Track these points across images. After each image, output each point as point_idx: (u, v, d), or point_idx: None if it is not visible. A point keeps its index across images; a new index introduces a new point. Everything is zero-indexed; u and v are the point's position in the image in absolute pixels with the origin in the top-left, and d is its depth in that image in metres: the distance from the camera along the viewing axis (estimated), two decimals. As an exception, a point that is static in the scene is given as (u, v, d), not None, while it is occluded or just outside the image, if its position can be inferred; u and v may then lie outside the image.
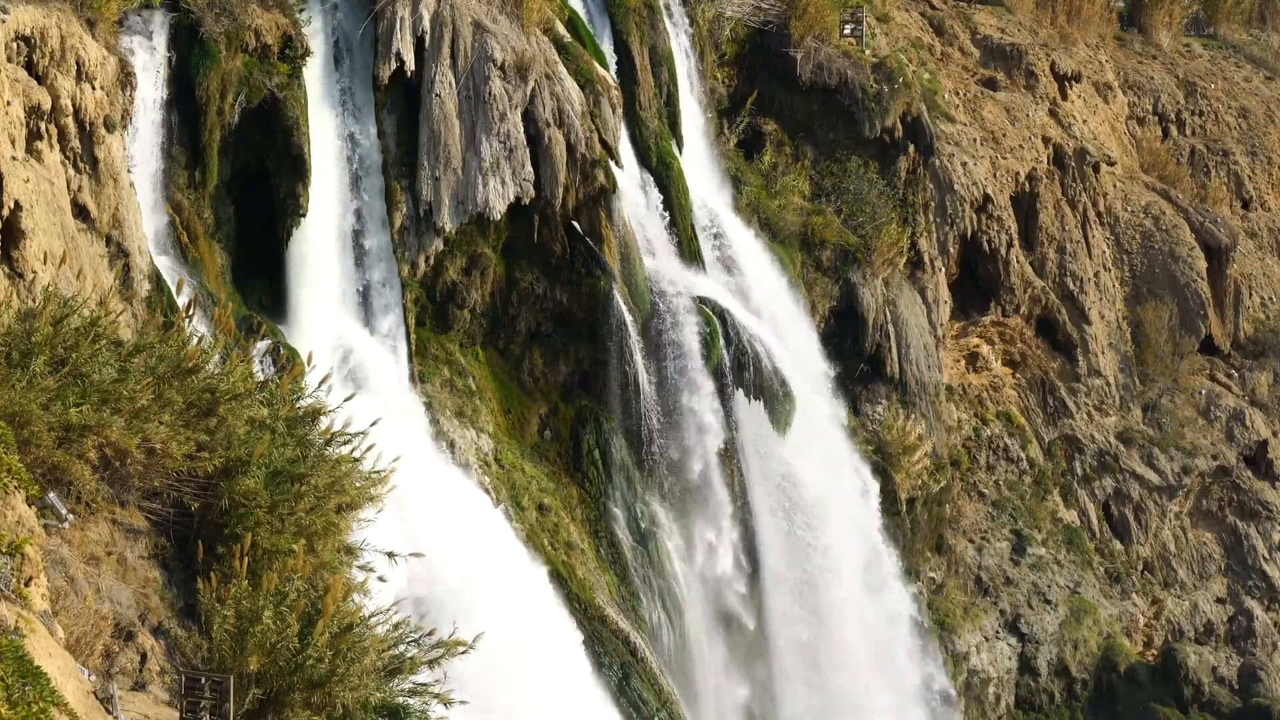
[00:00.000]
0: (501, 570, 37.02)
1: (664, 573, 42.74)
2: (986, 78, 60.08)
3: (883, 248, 50.47)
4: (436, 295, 40.80)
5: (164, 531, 19.85)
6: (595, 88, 42.16)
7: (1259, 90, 71.07)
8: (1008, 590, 53.60)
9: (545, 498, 41.21)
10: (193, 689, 16.99)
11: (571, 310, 42.24)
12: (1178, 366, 60.34)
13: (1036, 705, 53.26)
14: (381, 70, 39.05)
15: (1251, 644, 57.22)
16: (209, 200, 36.53)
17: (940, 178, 53.83)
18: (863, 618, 47.37)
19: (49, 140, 30.49)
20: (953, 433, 54.39)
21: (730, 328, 43.95)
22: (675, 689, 41.23)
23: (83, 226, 31.15)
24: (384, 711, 18.48)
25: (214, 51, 35.83)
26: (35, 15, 30.22)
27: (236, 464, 19.69)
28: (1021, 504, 55.43)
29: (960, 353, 55.97)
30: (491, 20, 40.60)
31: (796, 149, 51.78)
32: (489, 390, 41.60)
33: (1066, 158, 59.00)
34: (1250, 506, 59.39)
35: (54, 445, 18.25)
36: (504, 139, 39.96)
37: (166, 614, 18.92)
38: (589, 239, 41.82)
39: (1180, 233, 61.50)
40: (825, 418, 47.61)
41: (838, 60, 51.37)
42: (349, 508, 20.68)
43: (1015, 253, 56.08)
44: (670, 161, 45.83)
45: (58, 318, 19.50)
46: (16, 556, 15.44)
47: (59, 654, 15.46)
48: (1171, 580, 57.78)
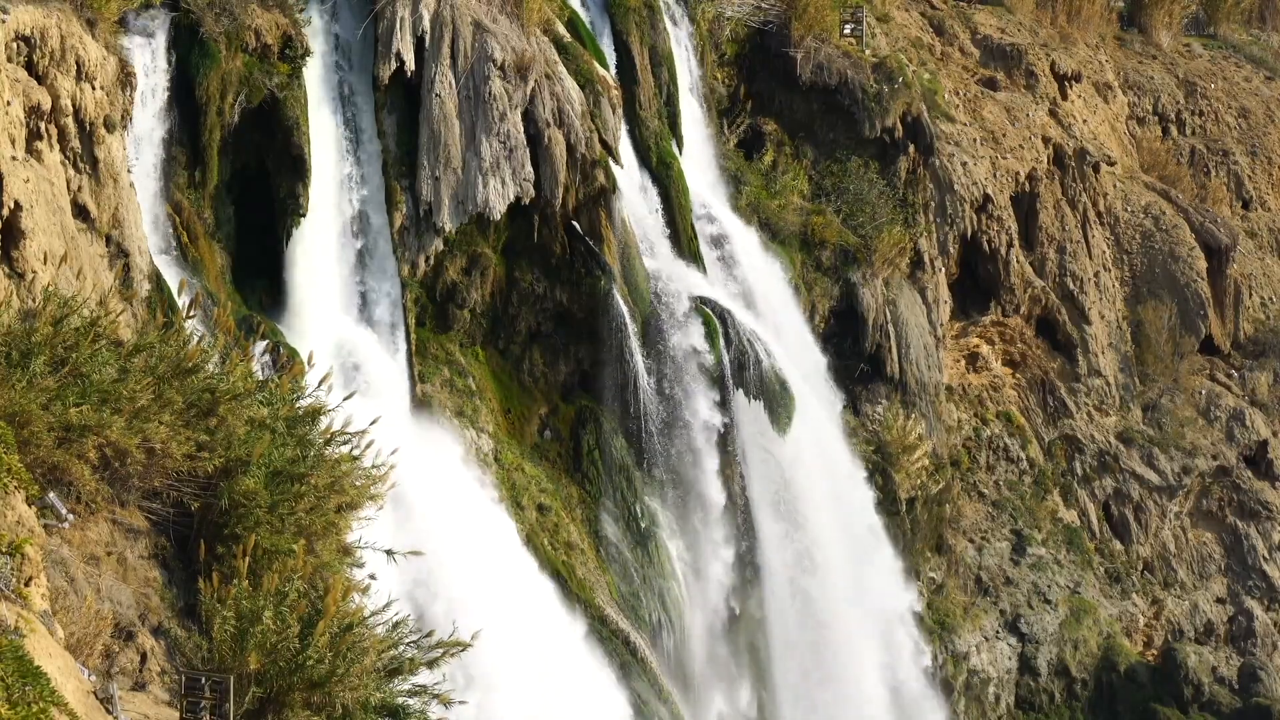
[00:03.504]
0: (501, 570, 37.05)
1: (664, 573, 42.74)
2: (986, 78, 60.08)
3: (883, 248, 50.47)
4: (436, 295, 40.80)
5: (164, 531, 19.85)
6: (595, 88, 42.16)
7: (1259, 90, 71.08)
8: (1008, 590, 53.61)
9: (545, 498, 41.22)
10: (193, 689, 16.99)
11: (571, 310, 42.24)
12: (1178, 366, 60.34)
13: (1036, 705, 53.27)
14: (381, 70, 39.04)
15: (1251, 644, 57.22)
16: (209, 200, 36.52)
17: (940, 178, 53.83)
18: (862, 617, 47.37)
19: (49, 140, 30.49)
20: (953, 433, 54.39)
21: (730, 328, 43.95)
22: (675, 689, 41.24)
23: (83, 226, 31.15)
24: (384, 711, 18.47)
25: (214, 51, 35.82)
26: (35, 15, 30.22)
27: (236, 464, 19.68)
28: (1021, 504, 55.44)
29: (960, 353, 55.98)
30: (491, 20, 40.60)
31: (796, 149, 51.78)
32: (489, 390, 41.60)
33: (1066, 158, 59.01)
34: (1250, 506, 59.39)
35: (54, 445, 18.24)
36: (504, 139, 39.96)
37: (166, 614, 18.92)
38: (589, 239, 41.82)
39: (1180, 233, 61.50)
40: (825, 418, 47.61)
41: (838, 60, 51.37)
42: (349, 507, 20.67)
43: (1015, 253, 56.09)
44: (670, 161, 45.83)
45: (58, 318, 19.49)
46: (16, 556, 15.44)
47: (59, 654, 15.46)
48: (1171, 580, 57.79)
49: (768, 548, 45.06)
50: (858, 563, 47.45)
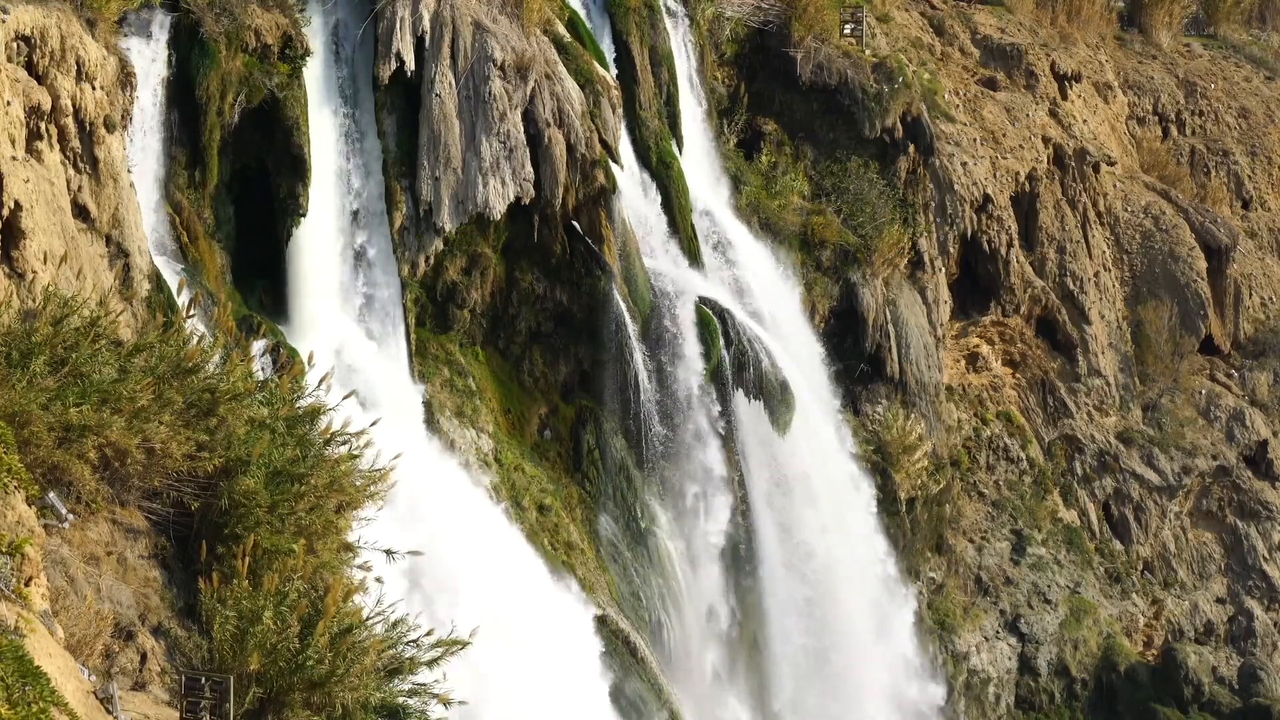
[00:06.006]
0: (500, 569, 37.05)
1: (664, 573, 42.75)
2: (986, 78, 60.08)
3: (883, 248, 50.47)
4: (436, 295, 40.82)
5: (164, 531, 19.86)
6: (595, 88, 42.17)
7: (1259, 90, 71.06)
8: (1008, 590, 53.61)
9: (545, 498, 41.22)
10: (193, 689, 17.00)
11: (571, 310, 42.25)
12: (1178, 366, 60.34)
13: (1036, 705, 53.26)
14: (381, 70, 39.04)
15: (1251, 644, 57.21)
16: (209, 200, 36.52)
17: (940, 178, 53.83)
18: (862, 617, 47.39)
19: (49, 140, 30.49)
20: (953, 433, 54.39)
21: (730, 328, 43.96)
22: (675, 689, 41.24)
23: (83, 226, 31.16)
24: (384, 711, 18.49)
25: (214, 51, 35.82)
26: (35, 15, 30.22)
27: (236, 464, 19.70)
28: (1021, 504, 55.43)
29: (960, 353, 55.97)
30: (491, 20, 40.60)
31: (796, 149, 51.77)
32: (489, 390, 41.61)
33: (1066, 158, 59.00)
34: (1250, 506, 59.39)
35: (54, 445, 18.25)
36: (504, 139, 39.96)
37: (166, 614, 18.93)
38: (589, 239, 41.83)
39: (1180, 233, 61.49)
40: (825, 418, 47.61)
41: (838, 60, 51.36)
42: (348, 507, 20.69)
43: (1015, 253, 56.08)
44: (670, 161, 45.82)
45: (58, 318, 19.51)
46: (16, 556, 15.45)
47: (59, 654, 15.46)
48: (1171, 580, 57.79)
49: (768, 547, 45.08)
50: (858, 562, 47.47)
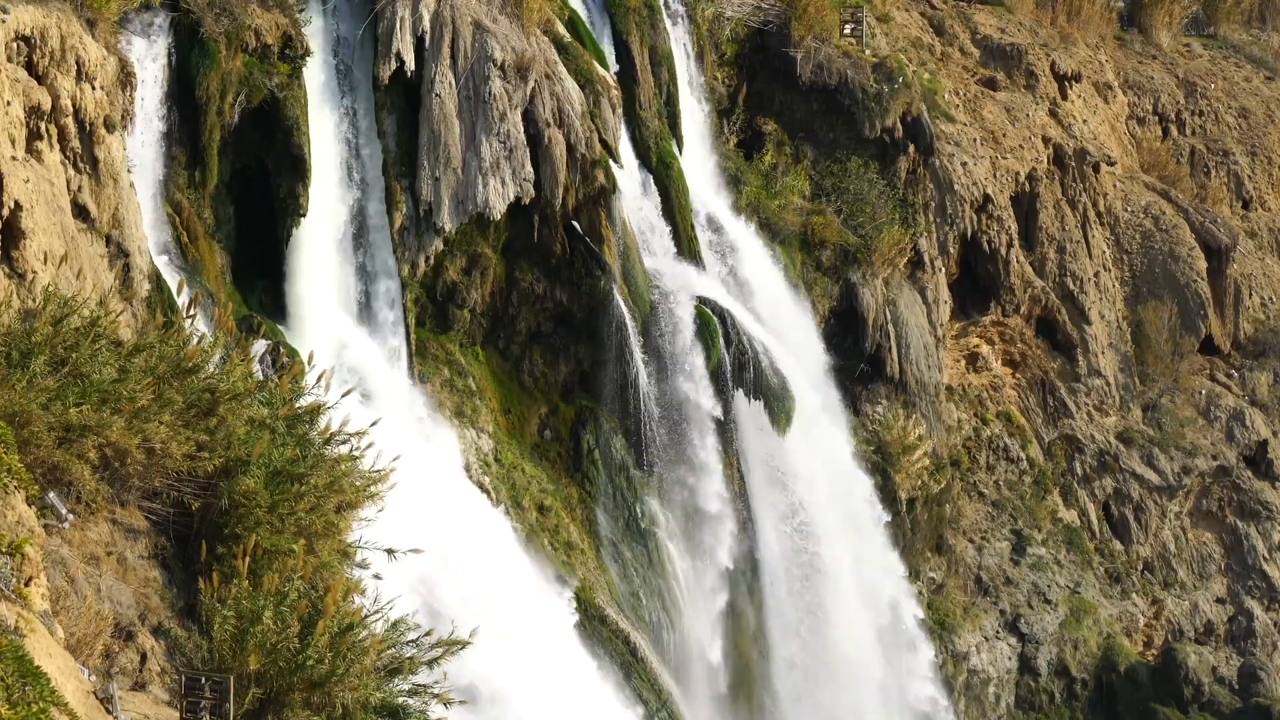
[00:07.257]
0: (500, 569, 37.05)
1: (664, 573, 42.75)
2: (986, 78, 60.07)
3: (883, 248, 50.47)
4: (436, 295, 40.82)
5: (164, 531, 19.85)
6: (595, 88, 42.17)
7: (1259, 90, 71.07)
8: (1008, 590, 53.61)
9: (545, 498, 41.23)
10: (193, 689, 17.00)
11: (571, 310, 42.26)
12: (1178, 366, 60.34)
13: (1036, 705, 53.26)
14: (381, 70, 39.04)
15: (1251, 644, 57.22)
16: (209, 200, 36.51)
17: (940, 178, 53.83)
18: (862, 617, 47.38)
19: (49, 140, 30.48)
20: (953, 433, 54.39)
21: (730, 327, 43.97)
22: (675, 689, 41.24)
23: (83, 226, 31.15)
24: (384, 711, 18.49)
25: (214, 51, 35.81)
26: (35, 15, 30.22)
27: (236, 464, 19.70)
28: (1021, 504, 55.43)
29: (960, 353, 55.98)
30: (491, 20, 40.60)
31: (796, 149, 51.77)
32: (489, 390, 41.61)
33: (1066, 158, 59.00)
34: (1250, 506, 59.39)
35: (54, 445, 18.25)
36: (504, 139, 39.96)
37: (166, 614, 18.92)
38: (589, 239, 41.83)
39: (1180, 233, 61.49)
40: (825, 418, 47.61)
41: (838, 60, 51.36)
42: (348, 507, 20.69)
43: (1015, 253, 56.08)
44: (670, 161, 45.82)
45: (58, 318, 19.51)
46: (16, 556, 15.45)
47: (59, 654, 15.46)
48: (1171, 580, 57.79)
49: (767, 547, 45.08)
50: (858, 562, 47.47)
